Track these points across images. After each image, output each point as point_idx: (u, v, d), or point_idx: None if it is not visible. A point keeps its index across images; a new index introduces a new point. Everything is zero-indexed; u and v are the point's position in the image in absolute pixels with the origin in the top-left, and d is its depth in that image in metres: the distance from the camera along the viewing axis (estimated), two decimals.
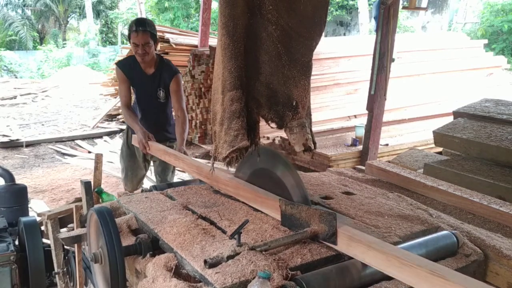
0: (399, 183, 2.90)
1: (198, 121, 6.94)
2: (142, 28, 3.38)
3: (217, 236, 1.91)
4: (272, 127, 2.06)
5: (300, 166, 5.25)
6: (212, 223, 2.06)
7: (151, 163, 3.97)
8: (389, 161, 4.72)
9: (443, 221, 2.23)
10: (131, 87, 3.53)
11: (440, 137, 3.60)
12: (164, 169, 3.75)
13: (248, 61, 1.93)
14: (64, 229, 2.82)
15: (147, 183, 5.53)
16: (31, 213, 3.79)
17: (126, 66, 3.50)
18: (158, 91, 3.52)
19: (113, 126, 9.11)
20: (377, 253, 1.53)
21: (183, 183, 2.91)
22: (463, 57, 8.41)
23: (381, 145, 5.22)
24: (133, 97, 3.69)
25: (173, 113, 3.66)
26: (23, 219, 2.77)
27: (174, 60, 7.68)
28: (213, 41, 7.33)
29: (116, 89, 9.62)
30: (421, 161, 3.93)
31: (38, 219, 2.93)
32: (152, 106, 3.57)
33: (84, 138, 8.25)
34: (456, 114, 3.81)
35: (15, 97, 12.46)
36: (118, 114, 9.44)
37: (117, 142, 7.93)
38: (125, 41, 24.46)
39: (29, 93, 13.04)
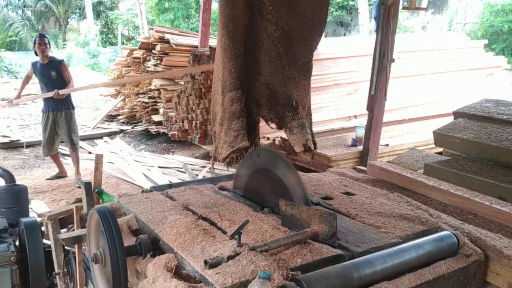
0: (401, 184, 2.89)
1: (198, 122, 6.94)
2: (43, 35, 5.91)
3: (217, 236, 1.91)
4: (272, 128, 2.06)
5: (300, 166, 5.25)
6: (212, 223, 2.07)
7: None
8: (389, 162, 4.72)
9: (443, 221, 2.23)
10: (35, 75, 5.90)
11: (440, 137, 3.59)
12: (69, 134, 5.85)
13: (248, 62, 1.93)
14: (65, 230, 2.82)
15: (147, 184, 5.54)
16: (31, 214, 3.79)
17: (35, 64, 5.85)
18: (51, 72, 5.73)
19: (113, 126, 9.11)
20: None
21: (184, 183, 2.91)
22: (463, 57, 8.40)
23: (381, 145, 5.21)
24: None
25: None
26: (24, 219, 2.77)
27: (174, 61, 7.76)
28: (213, 41, 7.33)
29: (116, 89, 9.64)
30: (421, 162, 3.93)
31: (38, 219, 2.92)
32: (49, 82, 5.77)
33: (84, 138, 8.24)
34: (456, 114, 3.81)
35: None
36: (118, 115, 9.45)
37: (118, 142, 7.94)
38: (125, 41, 24.49)
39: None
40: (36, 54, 5.79)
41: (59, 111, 5.79)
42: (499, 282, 1.95)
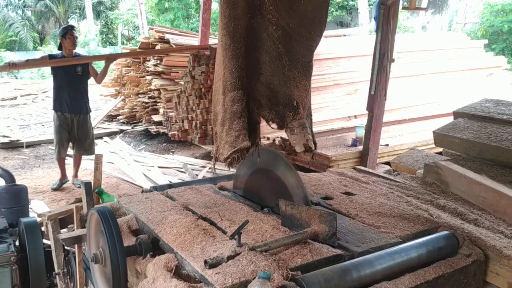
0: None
1: (198, 122, 6.93)
2: (73, 27, 5.51)
3: (217, 236, 1.91)
4: (273, 128, 2.06)
5: (300, 166, 5.25)
6: (212, 223, 2.07)
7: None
8: (389, 162, 4.71)
9: (443, 221, 2.23)
10: (52, 69, 5.40)
11: (440, 137, 3.59)
12: (81, 139, 5.47)
13: (249, 62, 1.93)
14: (65, 230, 2.82)
15: (147, 184, 5.54)
16: (31, 214, 3.79)
17: (54, 57, 5.36)
18: (77, 67, 5.23)
19: (113, 126, 9.11)
20: None
21: (184, 183, 2.91)
22: (463, 57, 8.40)
23: (381, 145, 5.21)
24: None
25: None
26: (24, 219, 2.77)
27: (174, 61, 7.76)
28: (213, 41, 7.33)
29: (116, 89, 9.63)
30: (421, 162, 3.92)
31: (38, 219, 2.92)
32: (73, 77, 5.24)
33: None
34: (456, 114, 3.80)
35: (15, 98, 12.46)
36: (118, 115, 9.45)
37: (118, 142, 7.94)
38: (125, 41, 24.49)
39: (30, 94, 13.04)
40: (60, 48, 5.28)
41: (77, 114, 5.38)
42: (499, 282, 1.95)
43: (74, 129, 5.42)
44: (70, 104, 5.31)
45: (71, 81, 5.23)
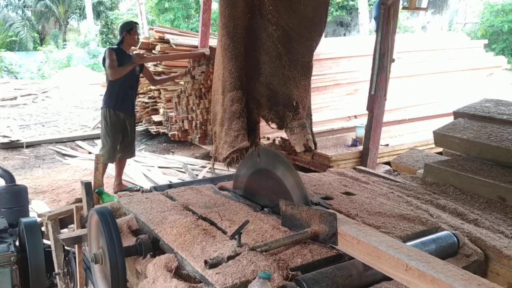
0: None
1: (198, 122, 6.93)
2: (137, 24, 5.30)
3: (217, 236, 1.91)
4: (272, 128, 2.06)
5: (300, 166, 5.25)
6: (212, 223, 2.07)
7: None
8: (389, 162, 4.71)
9: (443, 221, 2.23)
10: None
11: (440, 137, 3.59)
12: (131, 141, 5.30)
13: (249, 62, 1.93)
14: (65, 230, 2.83)
15: (147, 184, 5.54)
16: (31, 214, 3.79)
17: (119, 51, 4.94)
18: (136, 66, 5.05)
19: None
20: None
21: (184, 183, 2.91)
22: (463, 57, 8.40)
23: (381, 145, 5.21)
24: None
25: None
26: (24, 220, 2.77)
27: (174, 61, 7.75)
28: (213, 41, 7.33)
29: None
30: (421, 162, 3.92)
31: (38, 219, 2.92)
32: (132, 77, 5.05)
33: (84, 138, 8.25)
34: (457, 114, 3.81)
35: (15, 98, 12.46)
36: None
37: None
38: None
39: (30, 94, 13.04)
40: (118, 44, 4.96)
41: (132, 115, 5.18)
42: (499, 282, 1.95)
43: (129, 130, 5.16)
44: (128, 105, 5.07)
45: (131, 80, 5.04)
